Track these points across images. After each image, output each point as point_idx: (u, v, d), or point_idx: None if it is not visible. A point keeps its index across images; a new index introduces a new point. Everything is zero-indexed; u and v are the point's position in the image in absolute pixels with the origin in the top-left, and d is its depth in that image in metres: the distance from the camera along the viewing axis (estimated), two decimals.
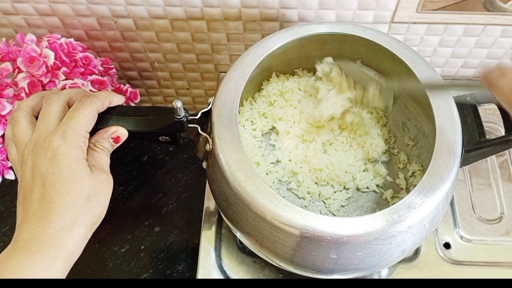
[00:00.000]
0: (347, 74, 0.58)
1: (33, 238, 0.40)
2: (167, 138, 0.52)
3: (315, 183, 0.60)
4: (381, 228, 0.42)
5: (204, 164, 0.52)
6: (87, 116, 0.45)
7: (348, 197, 0.60)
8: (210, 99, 0.51)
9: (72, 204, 0.42)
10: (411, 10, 0.61)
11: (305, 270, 0.47)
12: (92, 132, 0.47)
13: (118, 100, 0.51)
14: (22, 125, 0.46)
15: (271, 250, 0.46)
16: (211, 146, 0.48)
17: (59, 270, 0.41)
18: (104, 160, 0.47)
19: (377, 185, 0.61)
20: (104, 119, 0.49)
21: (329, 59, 0.59)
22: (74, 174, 0.42)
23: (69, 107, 0.47)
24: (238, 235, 0.50)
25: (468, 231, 0.65)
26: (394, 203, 0.44)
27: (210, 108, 0.50)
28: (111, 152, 0.49)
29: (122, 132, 0.49)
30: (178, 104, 0.47)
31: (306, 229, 0.42)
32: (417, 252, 0.63)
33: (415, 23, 0.64)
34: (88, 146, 0.46)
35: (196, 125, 0.50)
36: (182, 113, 0.48)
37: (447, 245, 0.64)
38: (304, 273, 0.48)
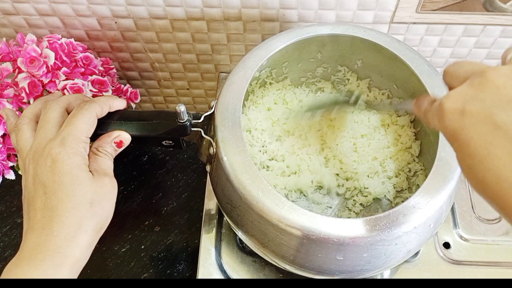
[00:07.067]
0: None
1: (37, 247, 0.40)
2: (170, 142, 0.51)
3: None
4: (386, 229, 0.42)
5: (208, 168, 0.52)
6: (86, 122, 0.45)
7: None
8: (213, 102, 0.51)
9: (74, 210, 0.41)
10: (411, 10, 0.61)
11: (310, 272, 0.47)
12: (95, 138, 0.47)
13: (118, 104, 0.50)
14: (24, 133, 0.46)
15: (277, 253, 0.46)
16: (214, 150, 0.48)
17: (65, 278, 0.40)
18: (107, 164, 0.46)
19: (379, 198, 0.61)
20: (106, 124, 0.48)
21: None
22: (75, 180, 0.42)
23: (68, 113, 0.47)
24: (242, 237, 0.50)
25: (468, 231, 0.65)
26: (397, 203, 0.44)
27: (213, 111, 0.50)
28: (114, 157, 0.48)
29: (125, 137, 0.48)
30: (181, 108, 0.47)
31: (312, 231, 0.42)
32: (416, 252, 0.63)
33: (414, 23, 0.64)
34: (91, 151, 0.46)
35: (199, 129, 0.50)
36: (186, 117, 0.48)
37: (446, 245, 0.64)
38: (309, 274, 0.48)
